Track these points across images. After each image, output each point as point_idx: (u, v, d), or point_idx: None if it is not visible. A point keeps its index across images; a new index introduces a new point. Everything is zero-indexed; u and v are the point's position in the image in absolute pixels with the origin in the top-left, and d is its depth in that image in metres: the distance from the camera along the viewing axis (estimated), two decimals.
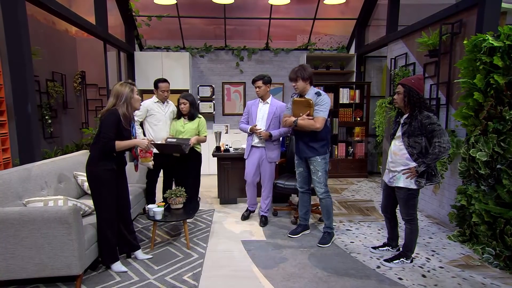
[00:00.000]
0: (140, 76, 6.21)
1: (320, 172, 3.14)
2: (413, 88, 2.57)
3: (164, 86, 3.82)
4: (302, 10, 6.30)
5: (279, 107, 3.68)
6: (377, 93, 6.66)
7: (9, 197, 2.45)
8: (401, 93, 2.64)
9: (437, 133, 2.49)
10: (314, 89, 3.16)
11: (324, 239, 3.24)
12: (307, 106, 3.03)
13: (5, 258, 2.23)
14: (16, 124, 3.06)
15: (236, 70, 6.82)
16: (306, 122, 3.03)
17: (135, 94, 2.63)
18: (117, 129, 2.52)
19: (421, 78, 2.69)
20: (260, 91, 3.62)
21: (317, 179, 3.17)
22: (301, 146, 3.18)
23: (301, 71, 3.10)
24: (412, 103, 2.58)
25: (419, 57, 4.33)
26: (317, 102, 3.05)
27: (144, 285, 2.45)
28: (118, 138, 2.53)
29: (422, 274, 2.65)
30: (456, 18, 3.61)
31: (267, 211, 3.86)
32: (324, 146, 3.14)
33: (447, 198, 3.73)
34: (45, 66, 5.30)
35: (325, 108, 3.05)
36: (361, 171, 6.26)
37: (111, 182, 2.58)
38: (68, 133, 6.05)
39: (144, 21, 6.16)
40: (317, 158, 3.12)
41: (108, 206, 2.59)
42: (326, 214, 3.25)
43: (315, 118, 3.02)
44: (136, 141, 2.69)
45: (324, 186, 3.18)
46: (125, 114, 2.55)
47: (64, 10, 3.80)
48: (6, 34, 2.94)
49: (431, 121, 2.51)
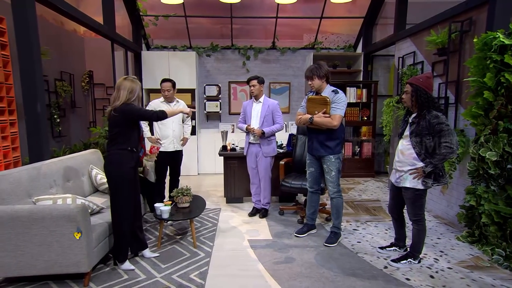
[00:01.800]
0: (147, 75, 6.25)
1: (333, 171, 3.13)
2: (421, 87, 2.54)
3: (164, 85, 3.84)
4: (309, 9, 6.27)
5: (271, 104, 3.84)
6: (384, 92, 6.61)
7: (19, 195, 2.48)
8: (409, 92, 2.61)
9: (445, 133, 2.45)
10: (331, 87, 3.14)
11: (331, 239, 3.22)
12: (323, 103, 3.02)
13: (16, 255, 2.26)
14: (26, 123, 3.10)
15: (242, 69, 6.82)
16: (323, 119, 3.02)
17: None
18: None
19: (430, 77, 2.65)
20: (254, 90, 3.80)
21: (330, 178, 3.16)
22: (315, 144, 3.16)
23: (316, 69, 3.10)
24: (420, 102, 2.55)
25: (428, 55, 4.28)
26: (334, 100, 3.03)
27: (151, 283, 2.46)
28: (137, 130, 2.65)
29: (430, 275, 2.62)
30: (466, 16, 3.56)
31: (266, 204, 3.96)
32: (338, 145, 3.13)
33: (456, 198, 3.69)
34: (54, 65, 5.37)
35: (342, 106, 3.04)
36: (368, 171, 6.22)
37: (132, 180, 2.64)
38: (76, 132, 6.12)
39: (151, 21, 6.20)
40: (331, 157, 3.11)
41: (129, 204, 2.64)
42: (335, 213, 3.24)
43: (332, 116, 3.00)
44: (181, 109, 2.99)
45: (337, 185, 3.17)
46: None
47: (73, 10, 3.84)
48: (17, 35, 2.98)
49: (439, 121, 2.48)
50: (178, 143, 3.99)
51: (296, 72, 6.90)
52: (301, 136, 4.21)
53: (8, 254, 2.26)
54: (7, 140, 4.28)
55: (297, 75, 6.89)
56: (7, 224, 2.22)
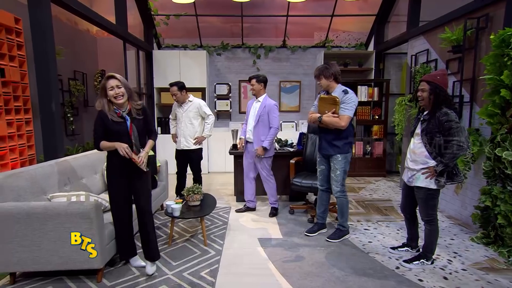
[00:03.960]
0: (158, 74, 6.30)
1: (338, 170, 3.13)
2: (439, 85, 2.48)
3: (171, 90, 4.01)
4: (320, 6, 6.22)
5: (268, 105, 3.79)
6: (396, 91, 6.52)
7: (35, 192, 2.54)
8: (426, 90, 2.54)
9: (455, 131, 2.40)
10: (341, 87, 3.14)
11: (334, 234, 3.24)
12: (333, 103, 3.03)
13: (32, 250, 2.31)
14: (41, 122, 3.17)
15: (253, 68, 6.81)
16: (331, 119, 3.03)
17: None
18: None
19: (445, 74, 2.58)
20: (254, 89, 3.81)
21: (334, 177, 3.16)
22: (324, 143, 3.20)
23: (323, 69, 3.12)
24: (438, 101, 2.49)
25: (442, 53, 4.19)
26: (343, 100, 3.04)
27: (162, 280, 2.49)
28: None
29: (444, 276, 2.58)
30: (482, 12, 3.47)
31: (274, 203, 3.96)
32: (346, 145, 3.13)
33: (470, 198, 3.61)
34: (67, 65, 5.46)
35: (351, 107, 3.04)
36: (379, 170, 6.15)
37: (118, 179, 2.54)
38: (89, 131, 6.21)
39: (163, 20, 6.24)
40: (338, 156, 3.12)
41: (112, 200, 2.57)
42: (340, 212, 3.26)
43: (340, 116, 3.02)
44: (117, 145, 2.41)
45: (341, 185, 3.16)
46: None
47: (87, 10, 3.89)
48: (33, 35, 3.05)
49: (448, 118, 2.42)
50: (188, 142, 4.04)
51: (307, 70, 6.87)
52: (311, 135, 4.18)
53: (24, 250, 2.31)
54: (23, 138, 4.38)
55: (308, 73, 6.85)
56: (23, 220, 2.28)
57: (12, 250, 2.31)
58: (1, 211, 2.27)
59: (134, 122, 2.48)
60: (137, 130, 2.49)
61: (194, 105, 4.06)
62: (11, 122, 4.22)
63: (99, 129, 2.44)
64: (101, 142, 2.43)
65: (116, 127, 2.42)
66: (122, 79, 2.44)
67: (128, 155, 2.39)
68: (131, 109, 2.49)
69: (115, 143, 2.40)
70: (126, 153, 2.38)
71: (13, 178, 2.41)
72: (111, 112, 2.42)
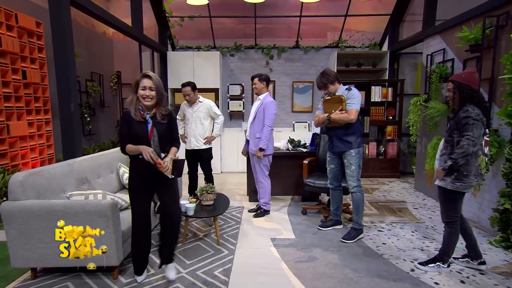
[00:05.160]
0: (172, 75, 6.39)
1: (353, 166, 3.16)
2: (463, 82, 2.43)
3: (184, 90, 4.03)
4: (333, 6, 6.19)
5: (265, 102, 3.80)
6: (411, 91, 6.41)
7: (54, 190, 2.62)
8: (451, 89, 2.51)
9: (469, 126, 2.35)
10: (344, 86, 3.27)
11: (349, 235, 3.24)
12: (338, 102, 3.14)
13: (52, 246, 2.38)
14: (60, 122, 3.25)
15: (265, 69, 6.82)
16: (339, 115, 3.13)
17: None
18: None
19: (473, 72, 2.51)
20: (256, 87, 3.85)
21: (350, 172, 3.19)
22: (335, 141, 3.25)
23: (325, 77, 3.24)
24: (462, 98, 2.44)
25: (459, 52, 4.11)
26: (348, 97, 3.15)
27: (177, 278, 2.52)
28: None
29: (461, 280, 2.53)
30: (502, 10, 3.39)
31: (264, 204, 3.97)
32: (357, 140, 3.18)
33: (488, 201, 3.53)
34: (85, 66, 5.60)
35: (357, 101, 3.14)
36: (393, 171, 6.06)
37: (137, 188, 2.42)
38: (105, 131, 6.35)
39: (177, 22, 6.33)
40: (351, 152, 3.17)
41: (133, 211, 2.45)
42: (356, 209, 3.25)
43: (349, 111, 3.10)
44: (143, 148, 2.29)
45: (357, 180, 3.20)
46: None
47: (104, 13, 3.99)
48: (53, 38, 3.14)
49: (466, 115, 2.37)
50: (198, 142, 4.09)
51: (320, 71, 6.79)
52: (324, 135, 4.16)
53: (45, 246, 2.39)
54: (43, 138, 4.52)
55: None
56: (44, 217, 2.35)
57: (34, 246, 2.39)
58: (23, 208, 2.35)
59: (157, 126, 2.35)
60: (159, 135, 2.35)
61: (205, 106, 4.11)
62: (32, 122, 4.36)
63: (125, 132, 2.34)
64: (127, 145, 2.34)
65: (136, 129, 2.31)
66: (157, 81, 2.33)
67: (153, 159, 2.26)
68: (157, 113, 2.36)
69: (139, 147, 2.27)
70: (151, 157, 2.25)
71: (34, 177, 2.50)
72: (136, 111, 2.32)
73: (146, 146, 2.28)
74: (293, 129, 6.77)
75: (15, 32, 4.04)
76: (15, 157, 4.06)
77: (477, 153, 2.42)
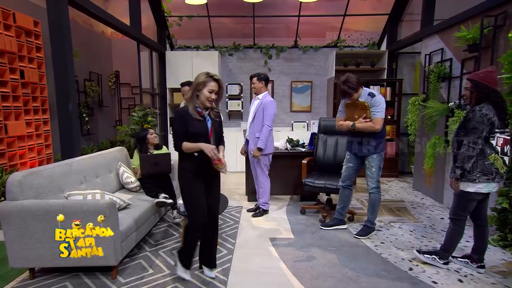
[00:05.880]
0: (171, 75, 6.38)
1: (374, 168, 3.18)
2: (480, 81, 2.40)
3: (183, 90, 4.00)
4: (332, 6, 6.19)
5: (264, 102, 3.79)
6: (409, 91, 6.43)
7: (53, 190, 2.61)
8: (469, 88, 2.50)
9: (469, 130, 2.37)
10: (366, 90, 3.18)
11: (362, 231, 3.29)
12: (362, 109, 3.08)
13: (51, 246, 2.38)
14: (58, 122, 3.25)
15: (264, 68, 6.83)
16: (364, 125, 3.09)
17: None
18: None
19: (492, 71, 2.47)
20: (255, 87, 3.85)
21: (370, 174, 3.22)
22: (357, 145, 3.23)
23: (348, 84, 3.08)
24: (479, 97, 2.42)
25: (457, 52, 4.12)
26: (372, 104, 3.08)
27: (176, 277, 2.52)
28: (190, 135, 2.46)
29: (459, 279, 2.53)
30: (501, 10, 3.40)
31: (263, 204, 3.97)
32: (380, 144, 3.18)
33: None
34: (83, 66, 5.59)
35: (381, 109, 3.08)
36: (391, 171, 6.07)
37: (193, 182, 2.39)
38: (103, 130, 6.34)
39: (175, 21, 6.32)
40: (374, 155, 3.17)
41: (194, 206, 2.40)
42: (371, 208, 3.29)
43: (374, 120, 3.05)
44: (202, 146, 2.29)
45: (376, 182, 3.22)
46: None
47: (102, 12, 3.98)
48: (51, 38, 3.13)
49: (472, 115, 2.38)
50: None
51: (318, 71, 6.84)
52: (322, 135, 4.17)
53: (43, 246, 2.38)
54: (41, 137, 4.50)
55: (319, 73, 6.83)
56: (42, 217, 2.34)
57: (32, 246, 2.38)
58: (21, 208, 2.34)
59: (214, 124, 2.40)
60: (214, 132, 2.40)
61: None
62: (30, 122, 4.34)
63: (181, 129, 2.29)
64: (183, 143, 2.30)
65: (197, 126, 2.30)
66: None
67: (216, 156, 2.26)
68: (210, 112, 2.39)
69: (200, 144, 2.25)
70: (214, 154, 2.24)
71: (32, 176, 2.49)
72: (194, 109, 2.29)
73: (207, 144, 2.28)
74: (291, 129, 6.78)
75: (13, 32, 4.02)
76: (13, 157, 4.05)
77: (484, 151, 2.40)
